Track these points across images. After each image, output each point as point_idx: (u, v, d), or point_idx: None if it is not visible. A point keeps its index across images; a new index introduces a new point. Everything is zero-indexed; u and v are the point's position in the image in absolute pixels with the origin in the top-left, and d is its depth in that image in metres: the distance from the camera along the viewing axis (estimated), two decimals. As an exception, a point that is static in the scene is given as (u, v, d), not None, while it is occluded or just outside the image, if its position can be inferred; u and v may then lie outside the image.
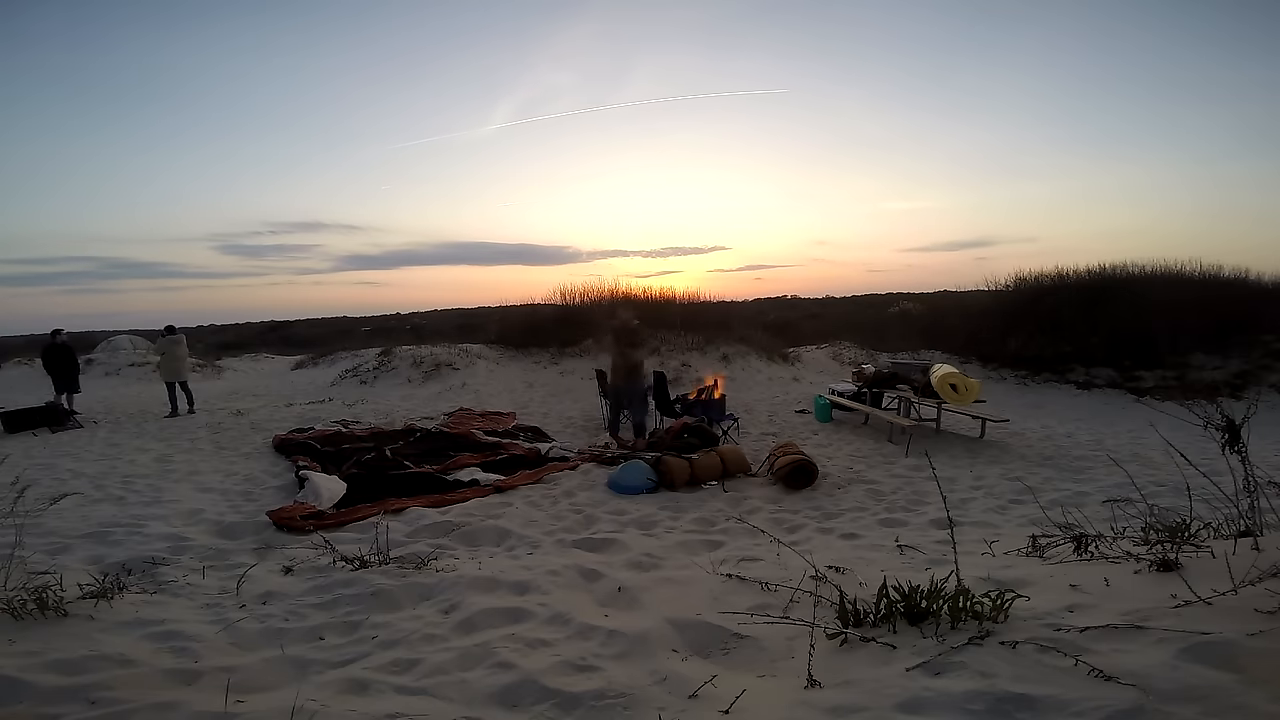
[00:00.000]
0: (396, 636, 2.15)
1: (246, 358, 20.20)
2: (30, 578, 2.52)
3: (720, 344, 13.44)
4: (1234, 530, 2.03)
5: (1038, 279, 14.81)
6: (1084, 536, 2.25)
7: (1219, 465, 1.95)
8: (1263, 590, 1.50)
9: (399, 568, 2.91)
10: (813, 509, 4.76)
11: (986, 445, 6.99)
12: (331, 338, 26.40)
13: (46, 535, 3.87)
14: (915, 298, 27.58)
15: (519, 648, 1.96)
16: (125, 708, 1.60)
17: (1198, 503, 2.13)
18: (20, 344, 22.62)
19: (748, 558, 3.00)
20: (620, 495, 5.15)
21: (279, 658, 2.01)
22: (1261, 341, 11.20)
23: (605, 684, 1.66)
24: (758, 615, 2.00)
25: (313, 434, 7.39)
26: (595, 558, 3.21)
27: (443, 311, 37.64)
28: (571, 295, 15.45)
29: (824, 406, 8.82)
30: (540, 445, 6.87)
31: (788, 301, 36.04)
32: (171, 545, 3.77)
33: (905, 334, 16.17)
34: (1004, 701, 1.26)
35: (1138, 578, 1.84)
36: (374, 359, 14.24)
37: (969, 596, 1.67)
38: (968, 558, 2.32)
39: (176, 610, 2.46)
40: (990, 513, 4.51)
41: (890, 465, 6.13)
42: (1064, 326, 12.77)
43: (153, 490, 5.38)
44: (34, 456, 6.87)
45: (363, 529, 4.14)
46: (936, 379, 7.05)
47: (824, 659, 1.62)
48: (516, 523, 4.35)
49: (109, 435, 8.24)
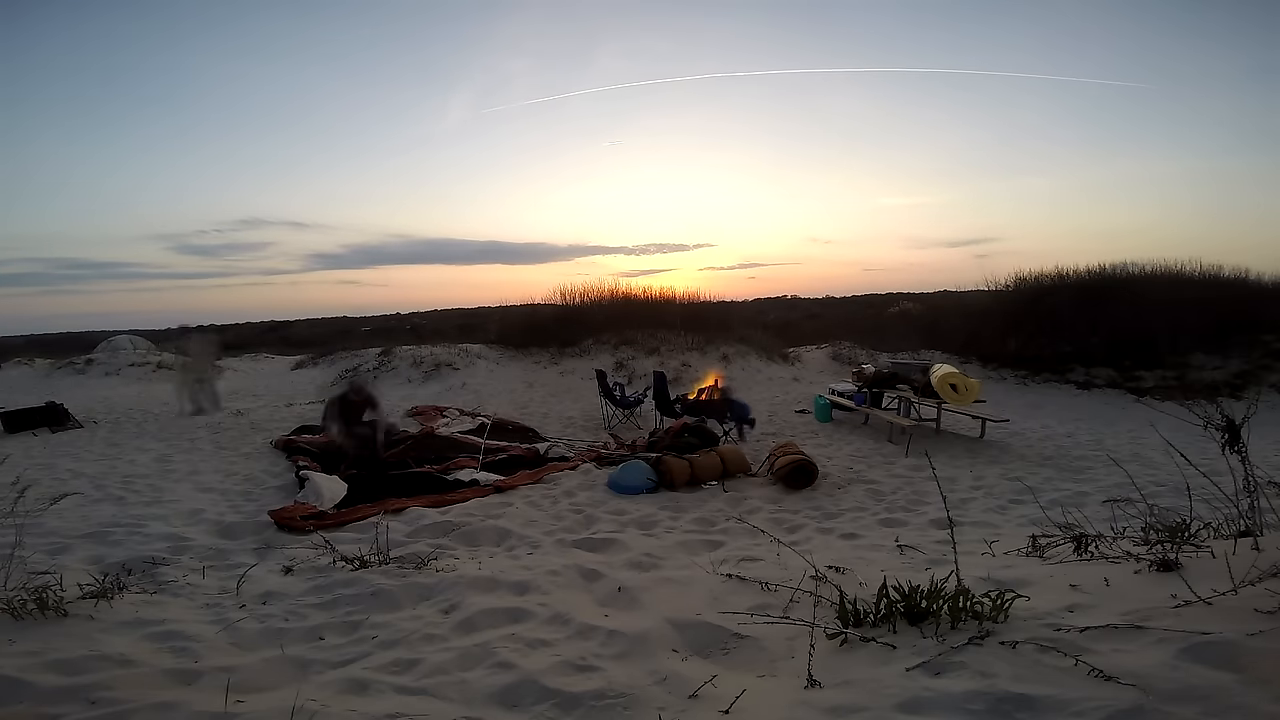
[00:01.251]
0: (396, 636, 2.15)
1: (246, 357, 20.19)
2: (30, 578, 2.52)
3: (720, 344, 13.44)
4: (1234, 530, 2.03)
5: (1038, 279, 14.81)
6: (1084, 536, 2.25)
7: (1219, 465, 1.95)
8: (1263, 590, 1.50)
9: (399, 568, 2.91)
10: (813, 509, 4.76)
11: (986, 445, 6.99)
12: (331, 338, 26.37)
13: (46, 535, 3.86)
14: (915, 298, 27.58)
15: (519, 648, 1.96)
16: (125, 708, 1.60)
17: (1198, 503, 2.13)
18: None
19: (748, 558, 3.00)
20: (620, 495, 5.15)
21: (279, 658, 2.01)
22: (1261, 341, 11.20)
23: (605, 684, 1.66)
24: (758, 615, 2.00)
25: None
26: (595, 558, 3.21)
27: (443, 311, 37.65)
28: (571, 295, 15.48)
29: (824, 406, 8.82)
30: (539, 445, 6.87)
31: (787, 301, 36.04)
32: (171, 545, 3.77)
33: (905, 334, 16.17)
34: (1004, 701, 1.26)
35: (1138, 578, 1.84)
36: (374, 359, 14.24)
37: (969, 596, 1.67)
38: (968, 558, 2.32)
39: (176, 610, 2.46)
40: (990, 513, 4.51)
41: (890, 465, 6.13)
42: (1064, 326, 12.77)
43: (153, 490, 5.38)
44: (34, 456, 6.87)
45: (363, 529, 4.14)
46: (936, 379, 7.05)
47: (824, 659, 1.62)
48: (516, 523, 4.35)
49: (109, 435, 8.24)
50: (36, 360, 16.33)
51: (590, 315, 14.53)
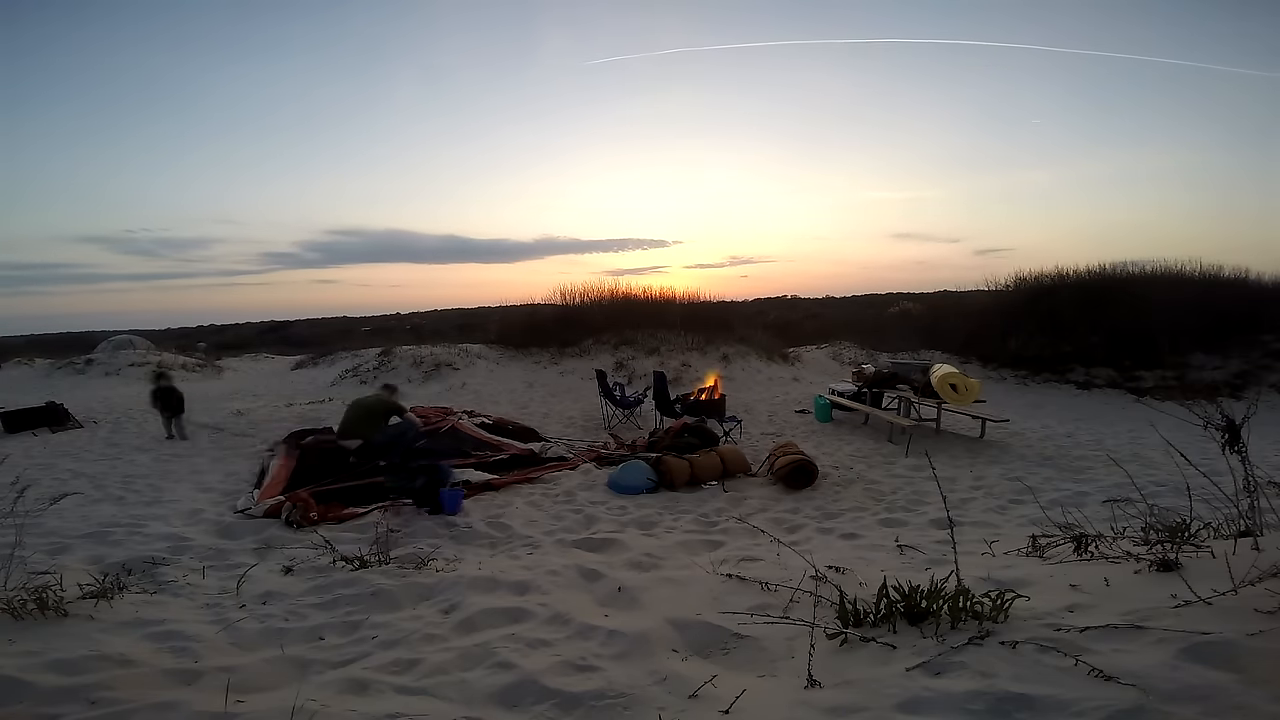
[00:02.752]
0: (396, 636, 2.15)
1: (246, 358, 20.22)
2: (30, 578, 2.52)
3: (720, 344, 13.44)
4: (1234, 530, 2.03)
5: (1038, 279, 14.83)
6: (1084, 536, 2.25)
7: (1219, 465, 1.95)
8: (1263, 590, 1.50)
9: (399, 568, 2.91)
10: (813, 509, 4.76)
11: (986, 445, 6.99)
12: (331, 338, 26.40)
13: (46, 535, 3.86)
14: (915, 298, 27.60)
15: (519, 648, 1.96)
16: (125, 708, 1.60)
17: (1198, 503, 2.13)
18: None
19: (748, 558, 3.00)
20: (620, 495, 5.15)
21: (279, 658, 2.01)
22: (1261, 341, 11.20)
23: (605, 684, 1.66)
24: (758, 615, 2.00)
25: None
26: (595, 558, 3.21)
27: (443, 311, 37.67)
28: (571, 295, 15.51)
29: (824, 406, 8.82)
30: (534, 445, 6.85)
31: (788, 301, 36.07)
32: (171, 545, 3.77)
33: (905, 334, 16.18)
34: (1004, 701, 1.26)
35: (1138, 578, 1.84)
36: (374, 359, 14.25)
37: (969, 596, 1.67)
38: (968, 558, 2.32)
39: (176, 610, 2.46)
40: (990, 513, 4.50)
41: (890, 465, 6.13)
42: (1064, 326, 12.77)
43: (153, 490, 5.38)
44: (34, 456, 6.87)
45: (363, 529, 4.15)
46: (936, 379, 7.05)
47: (824, 659, 1.62)
48: (517, 523, 4.36)
49: (109, 435, 8.24)
50: (36, 360, 16.34)
51: (590, 315, 14.54)
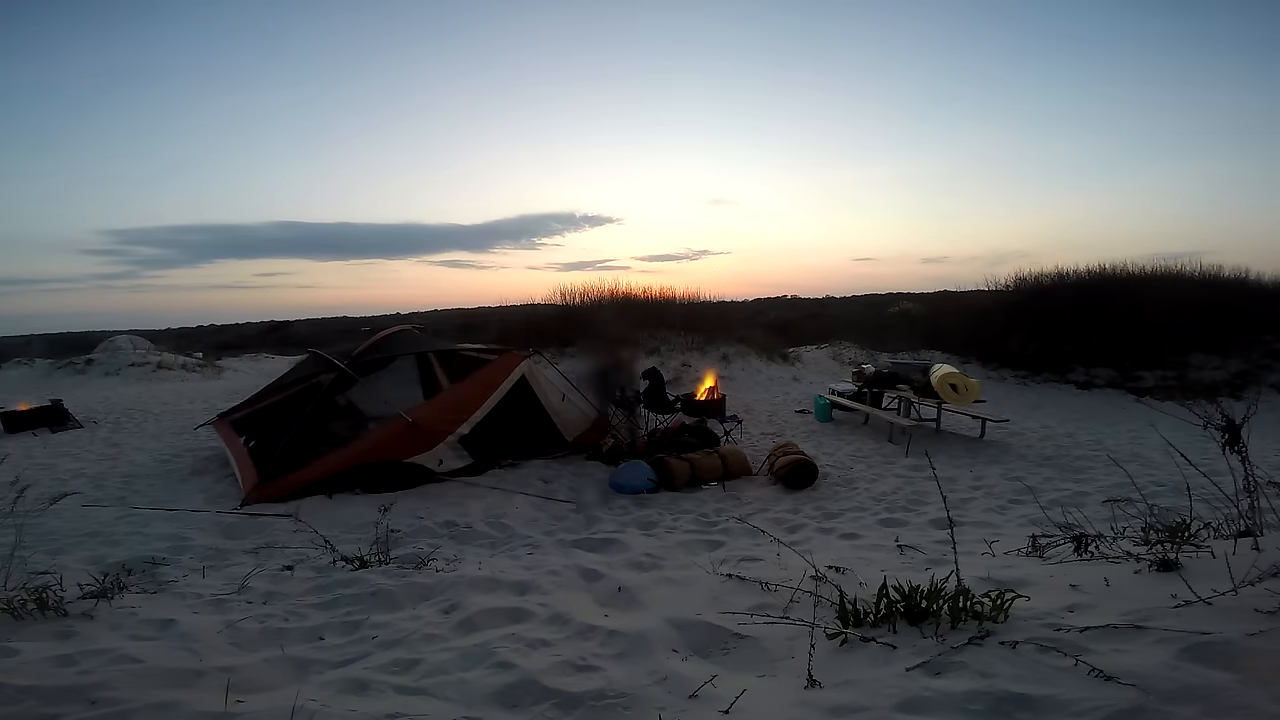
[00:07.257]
0: (396, 636, 2.14)
1: (246, 357, 20.21)
2: (30, 578, 2.52)
3: (720, 344, 13.44)
4: (1234, 530, 2.03)
5: (1038, 279, 14.81)
6: (1084, 536, 2.25)
7: (1219, 465, 1.95)
8: (1263, 590, 1.50)
9: (399, 567, 2.91)
10: (813, 509, 4.76)
11: (986, 445, 6.99)
12: (331, 337, 26.38)
13: (46, 535, 3.87)
14: (915, 298, 27.56)
15: (519, 648, 1.95)
16: (125, 708, 1.60)
17: (1198, 503, 2.13)
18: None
19: (748, 558, 3.00)
20: (620, 495, 5.15)
21: (279, 658, 2.01)
22: (1261, 341, 11.20)
23: (605, 684, 1.66)
24: (758, 615, 2.00)
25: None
26: (595, 558, 3.21)
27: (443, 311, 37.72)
28: (571, 295, 15.55)
29: (824, 406, 8.82)
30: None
31: (788, 301, 36.04)
32: (171, 545, 3.77)
33: (905, 334, 16.17)
34: (1004, 701, 1.26)
35: (1138, 578, 1.84)
36: (374, 359, 14.22)
37: (969, 596, 1.67)
38: (968, 558, 2.32)
39: (176, 610, 2.46)
40: (990, 513, 4.51)
41: (890, 465, 6.13)
42: (1064, 326, 12.75)
43: (152, 490, 5.38)
44: (34, 456, 6.87)
45: (363, 529, 4.14)
46: (936, 379, 7.05)
47: (824, 659, 1.62)
48: (517, 522, 4.36)
49: (109, 435, 8.24)
50: (36, 360, 16.34)
51: (590, 315, 14.53)
